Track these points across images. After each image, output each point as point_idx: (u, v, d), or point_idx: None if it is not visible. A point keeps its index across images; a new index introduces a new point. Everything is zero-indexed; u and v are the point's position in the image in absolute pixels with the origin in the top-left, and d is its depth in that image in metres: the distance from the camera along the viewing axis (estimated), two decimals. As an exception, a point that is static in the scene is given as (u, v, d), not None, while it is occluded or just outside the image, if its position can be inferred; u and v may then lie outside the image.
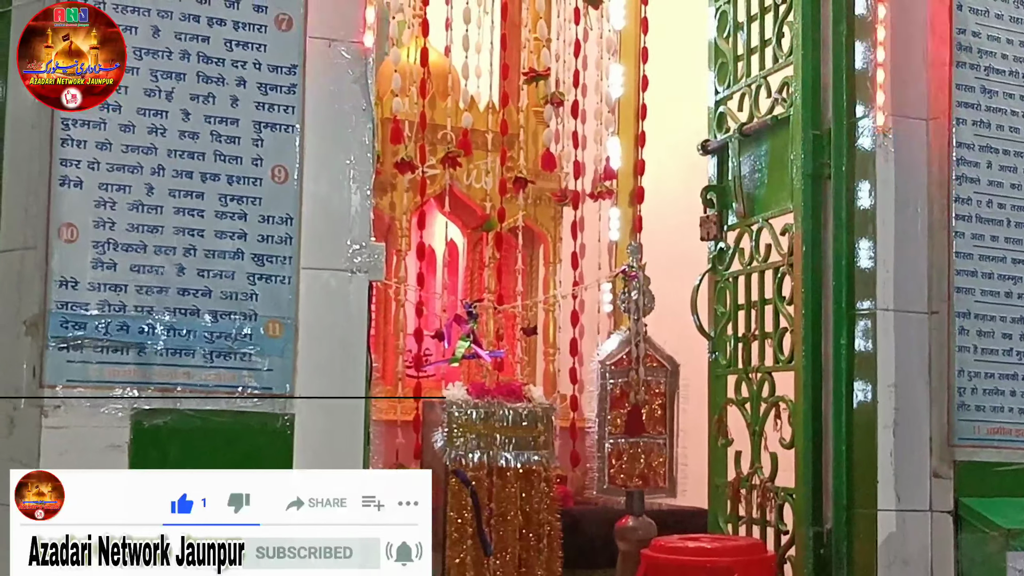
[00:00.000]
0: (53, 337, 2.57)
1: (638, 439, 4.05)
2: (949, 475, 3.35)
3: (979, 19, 3.44)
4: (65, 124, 2.62)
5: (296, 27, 2.81)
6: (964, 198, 3.39)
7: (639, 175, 4.86)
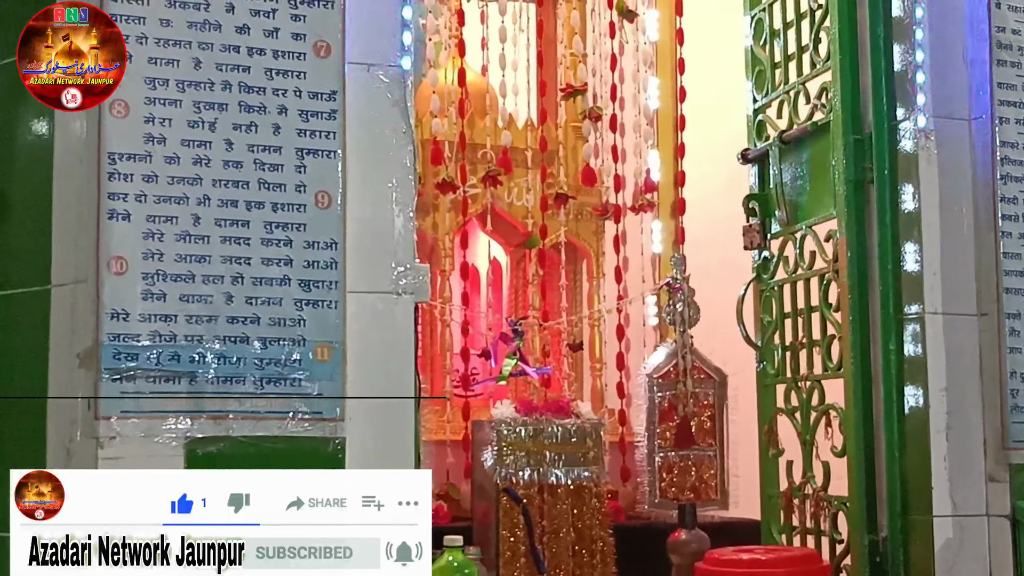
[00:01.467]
0: (106, 369, 2.60)
1: (688, 452, 4.07)
2: (1005, 479, 3.33)
3: (1018, 16, 3.43)
4: (112, 158, 2.66)
5: (335, 53, 2.84)
6: (1010, 198, 3.37)
7: (680, 186, 4.87)
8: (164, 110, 2.71)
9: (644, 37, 5.03)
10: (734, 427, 4.14)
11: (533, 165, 4.72)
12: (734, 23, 4.21)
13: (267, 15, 2.80)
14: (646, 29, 5.02)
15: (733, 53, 4.22)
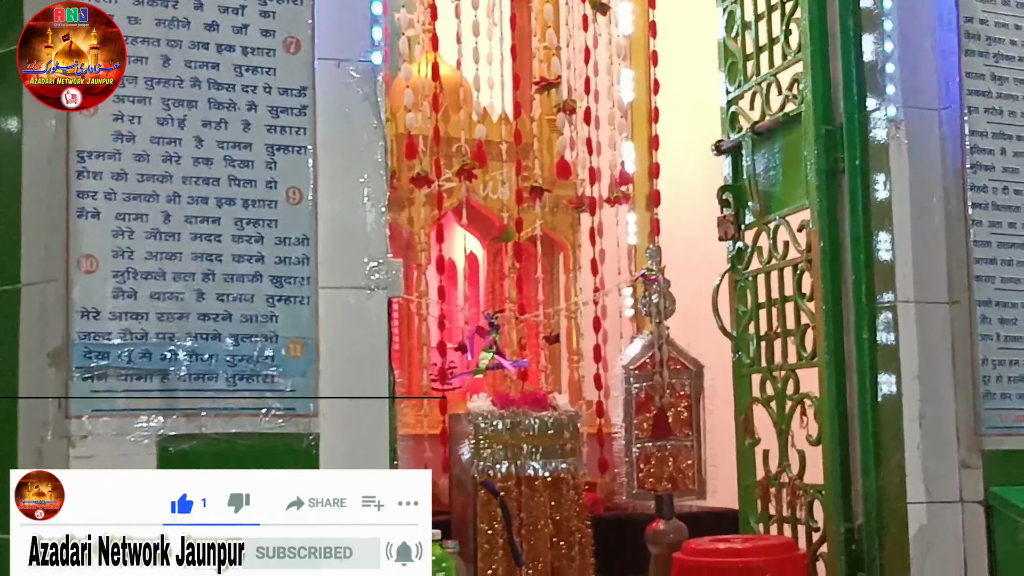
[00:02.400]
0: (77, 367, 2.59)
1: (665, 442, 4.06)
2: (978, 465, 3.34)
3: (985, 6, 3.44)
4: (80, 156, 2.64)
5: (304, 49, 2.83)
6: (979, 186, 3.38)
7: (654, 178, 4.87)
8: (133, 107, 2.70)
9: (617, 30, 5.02)
10: (711, 417, 4.13)
11: (508, 158, 4.72)
12: (706, 15, 4.22)
13: (236, 12, 2.79)
14: (619, 22, 5.02)
15: (706, 45, 4.23)
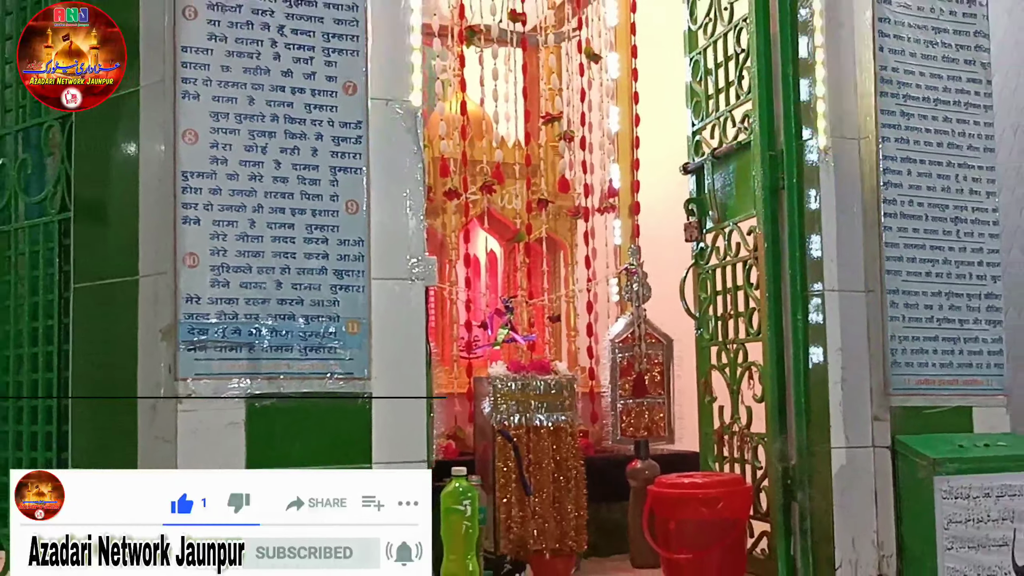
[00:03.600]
0: (183, 341, 2.61)
1: (642, 399, 4.07)
2: (886, 418, 3.35)
3: (897, 58, 3.43)
4: (184, 176, 2.66)
5: (360, 91, 2.84)
6: (890, 199, 3.38)
7: (635, 192, 4.86)
8: (225, 137, 2.71)
9: (606, 75, 5.00)
10: (678, 380, 4.13)
11: (520, 176, 4.70)
12: (677, 64, 4.21)
13: (306, 62, 2.80)
14: (608, 68, 5.00)
15: (677, 87, 4.22)
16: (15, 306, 3.26)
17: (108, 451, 2.77)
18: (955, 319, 3.41)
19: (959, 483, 3.21)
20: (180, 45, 2.68)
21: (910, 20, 3.45)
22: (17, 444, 3.22)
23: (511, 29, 4.80)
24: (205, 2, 2.70)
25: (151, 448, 2.64)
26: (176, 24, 2.68)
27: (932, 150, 3.44)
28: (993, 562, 3.24)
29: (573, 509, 3.72)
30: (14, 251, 3.28)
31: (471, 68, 4.73)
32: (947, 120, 3.47)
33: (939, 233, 3.43)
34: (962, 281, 3.44)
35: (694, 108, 4.09)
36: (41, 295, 3.17)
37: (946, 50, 3.50)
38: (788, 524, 3.48)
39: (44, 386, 3.15)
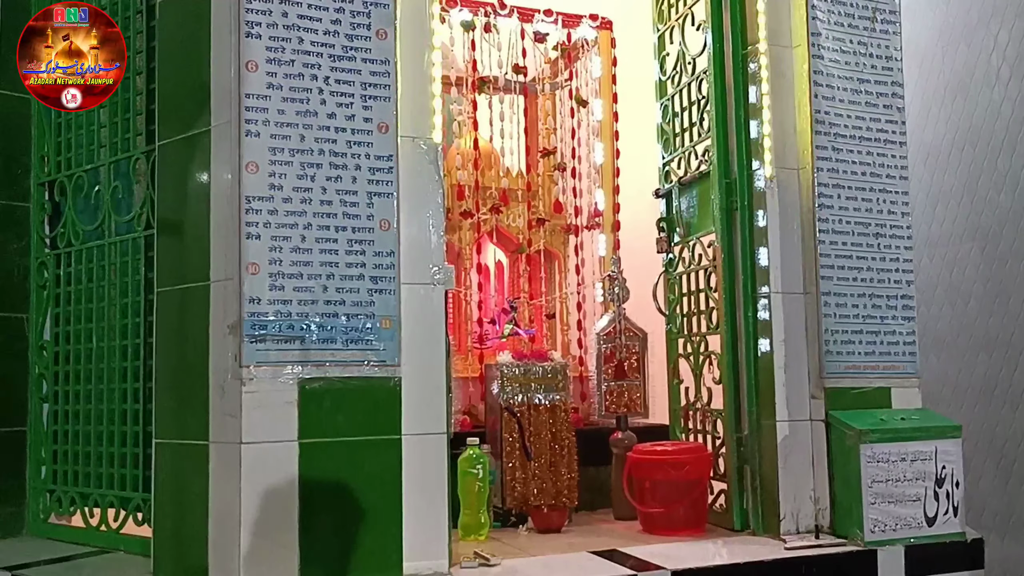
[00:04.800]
0: (246, 335, 2.61)
1: (623, 382, 4.05)
2: (821, 397, 3.34)
3: (828, 103, 3.41)
4: (248, 199, 2.65)
5: (391, 130, 2.83)
6: (824, 219, 3.37)
7: (616, 213, 4.85)
8: (281, 168, 2.70)
9: (593, 116, 4.98)
10: (652, 366, 4.11)
11: (522, 200, 4.68)
12: (650, 108, 4.21)
13: (347, 106, 2.79)
14: (594, 111, 4.98)
15: (649, 127, 4.22)
16: (108, 306, 3.28)
17: (186, 424, 2.78)
18: (877, 316, 3.40)
19: (880, 450, 3.21)
20: (244, 92, 2.67)
21: (839, 72, 3.44)
22: (110, 420, 3.23)
23: (515, 80, 4.80)
24: (264, 57, 2.70)
25: (220, 423, 2.64)
26: (240, 76, 2.68)
27: (857, 178, 3.43)
28: (908, 514, 3.23)
29: (566, 472, 3.71)
30: (107, 261, 3.31)
31: (482, 111, 4.73)
32: (869, 153, 3.46)
33: (863, 246, 3.41)
34: (882, 284, 3.43)
35: (664, 144, 4.08)
36: (130, 297, 3.20)
37: (868, 96, 3.49)
38: (742, 484, 3.47)
39: (132, 372, 3.17)
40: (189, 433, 2.73)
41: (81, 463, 3.34)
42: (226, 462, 2.60)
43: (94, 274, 3.35)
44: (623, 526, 3.71)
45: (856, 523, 3.19)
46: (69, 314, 3.44)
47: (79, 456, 3.35)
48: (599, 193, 4.92)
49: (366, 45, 2.80)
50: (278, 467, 2.59)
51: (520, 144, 4.79)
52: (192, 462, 2.70)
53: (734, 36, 3.56)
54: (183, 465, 2.76)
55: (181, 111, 2.88)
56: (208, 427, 2.67)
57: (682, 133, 3.96)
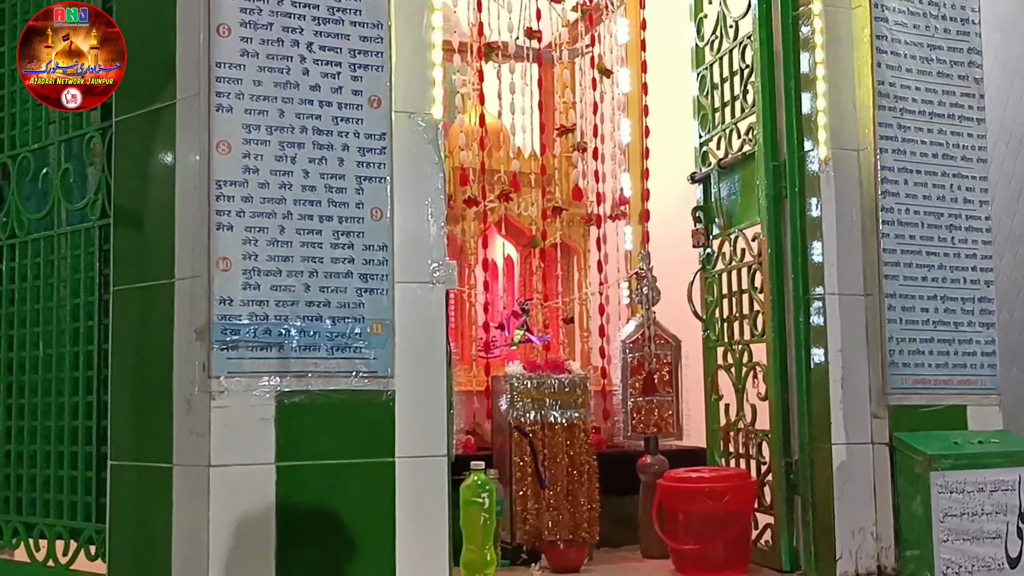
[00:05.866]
0: (216, 341, 2.61)
1: (652, 397, 4.05)
2: (885, 416, 3.33)
3: (894, 73, 3.42)
4: (218, 184, 2.66)
5: (384, 105, 2.84)
6: (888, 208, 3.37)
7: (645, 200, 4.85)
8: (257, 148, 2.71)
9: (618, 89, 4.99)
10: (686, 379, 4.11)
11: (536, 185, 4.69)
12: (685, 78, 4.20)
13: (333, 76, 2.80)
14: (619, 83, 4.99)
15: (684, 101, 4.21)
16: (57, 307, 3.28)
17: (146, 444, 2.79)
18: (950, 322, 3.40)
19: (954, 478, 3.20)
20: (214, 61, 2.68)
21: (906, 38, 3.44)
22: (59, 438, 3.24)
23: (527, 46, 4.80)
24: (238, 20, 2.71)
25: (186, 442, 2.65)
26: (211, 41, 2.69)
27: (928, 161, 3.42)
28: (987, 553, 3.22)
29: (586, 502, 3.71)
30: (56, 255, 3.31)
31: (489, 82, 4.73)
32: (942, 132, 3.46)
33: (934, 240, 3.41)
34: (956, 285, 3.42)
35: (701, 120, 4.08)
36: (82, 297, 3.19)
37: (941, 66, 3.48)
38: (791, 517, 3.47)
39: (84, 383, 3.17)
40: (150, 454, 2.74)
41: (25, 488, 3.35)
42: (193, 487, 2.61)
43: (41, 270, 3.35)
44: (652, 565, 3.71)
45: (926, 564, 3.18)
46: (12, 316, 3.45)
47: (23, 480, 3.37)
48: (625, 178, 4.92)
49: (355, 5, 2.81)
50: (253, 493, 2.60)
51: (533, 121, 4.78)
52: (153, 487, 2.72)
53: (784, -6, 3.56)
54: (143, 491, 2.78)
55: (141, 82, 2.88)
56: (172, 447, 2.68)
57: (722, 108, 3.95)
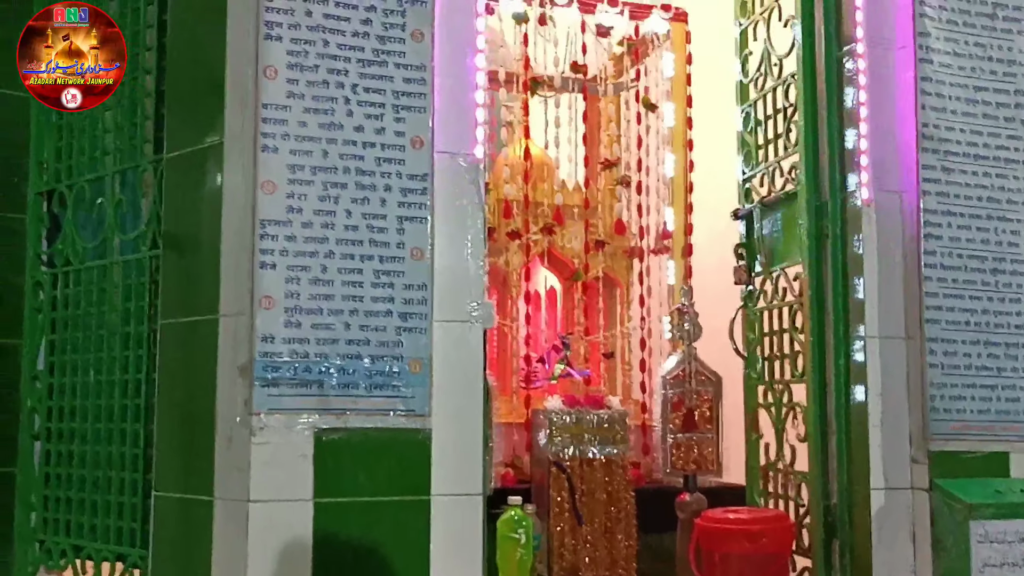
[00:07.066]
0: (257, 378, 2.65)
1: (692, 434, 4.03)
2: (925, 461, 3.27)
3: (938, 115, 3.37)
4: (263, 224, 2.71)
5: (426, 145, 2.86)
6: (930, 251, 3.32)
7: (688, 235, 4.83)
8: (301, 188, 2.75)
9: (662, 123, 4.99)
10: (726, 416, 4.09)
11: (579, 218, 4.70)
12: (729, 115, 4.19)
13: (377, 118, 2.84)
14: (664, 117, 4.99)
15: (729, 136, 4.20)
16: (108, 335, 3.33)
17: (188, 476, 2.83)
18: (993, 367, 3.33)
19: (995, 528, 3.13)
20: (261, 102, 2.73)
21: (951, 79, 3.40)
22: (108, 464, 3.29)
23: (573, 79, 4.82)
24: (285, 62, 2.76)
25: (227, 476, 2.69)
26: (258, 82, 2.74)
27: (972, 204, 3.38)
28: (1030, 605, 3.15)
29: (623, 538, 3.70)
30: (110, 284, 3.35)
31: (535, 115, 4.75)
32: (987, 175, 3.40)
33: (978, 283, 3.36)
34: (1000, 330, 3.36)
35: (745, 157, 4.06)
36: (132, 326, 3.23)
37: (986, 108, 3.43)
38: (829, 560, 3.42)
39: (132, 411, 3.21)
40: (192, 487, 2.78)
41: (75, 511, 3.40)
42: (232, 522, 2.65)
43: (94, 297, 3.40)
44: (689, 604, 3.68)
45: (965, 613, 3.12)
46: (66, 342, 3.50)
47: (72, 503, 3.41)
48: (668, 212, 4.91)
49: (399, 48, 2.85)
50: (290, 529, 2.62)
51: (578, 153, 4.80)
52: (195, 519, 2.76)
53: (827, 35, 3.53)
54: (185, 522, 2.82)
55: (192, 120, 2.95)
56: (213, 481, 2.72)
57: (766, 145, 3.94)
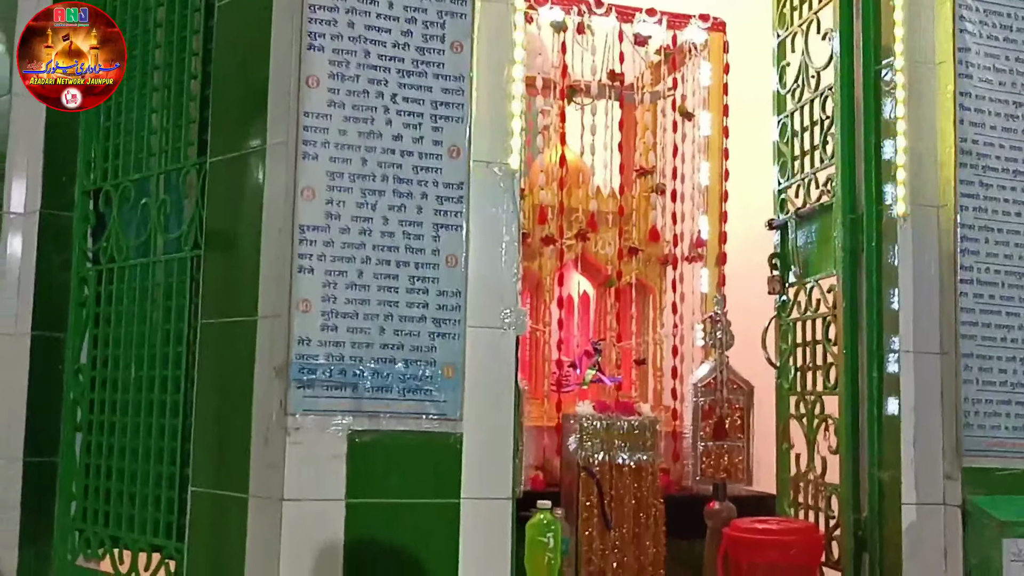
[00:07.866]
0: (294, 379, 2.68)
1: (723, 442, 4.02)
2: (958, 477, 3.24)
3: (977, 130, 3.34)
4: (302, 229, 2.74)
5: (463, 154, 2.88)
6: (967, 266, 3.28)
7: (722, 244, 4.82)
8: (339, 195, 2.78)
9: (698, 132, 4.98)
10: (757, 425, 4.07)
11: (613, 225, 4.71)
12: (766, 125, 4.17)
13: (415, 127, 2.86)
14: (700, 126, 4.98)
15: (764, 146, 4.18)
16: (150, 331, 3.38)
17: (224, 473, 2.86)
18: (1029, 384, 3.30)
19: (1028, 547, 3.11)
20: (303, 110, 2.76)
21: (991, 94, 3.36)
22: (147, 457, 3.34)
23: (610, 87, 4.83)
24: (327, 72, 2.79)
25: (262, 475, 2.72)
26: (300, 91, 2.77)
27: (1010, 219, 3.34)
28: (1060, 625, 3.11)
29: (651, 544, 3.70)
30: (152, 282, 3.41)
31: (571, 122, 4.76)
32: (1025, 191, 3.37)
33: (1015, 299, 3.32)
34: (1036, 347, 3.33)
35: (780, 167, 4.04)
36: (173, 324, 3.27)
37: (1027, 123, 3.40)
38: (859, 574, 3.40)
39: (171, 406, 3.25)
40: (228, 483, 2.82)
41: (113, 502, 3.45)
42: (266, 519, 2.68)
43: (137, 294, 3.45)
44: (716, 612, 3.67)
45: (995, 632, 3.09)
46: (108, 336, 3.56)
47: (111, 494, 3.47)
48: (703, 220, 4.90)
49: (439, 59, 2.87)
50: (322, 529, 2.65)
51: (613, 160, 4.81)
52: (230, 516, 2.79)
53: (866, 48, 3.51)
54: (220, 518, 2.86)
55: (235, 125, 2.99)
56: (248, 478, 2.75)
57: (802, 156, 3.91)
